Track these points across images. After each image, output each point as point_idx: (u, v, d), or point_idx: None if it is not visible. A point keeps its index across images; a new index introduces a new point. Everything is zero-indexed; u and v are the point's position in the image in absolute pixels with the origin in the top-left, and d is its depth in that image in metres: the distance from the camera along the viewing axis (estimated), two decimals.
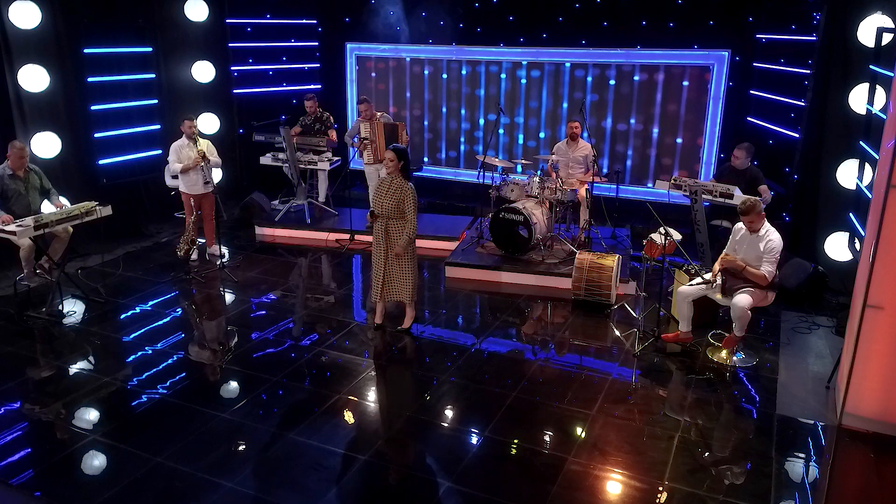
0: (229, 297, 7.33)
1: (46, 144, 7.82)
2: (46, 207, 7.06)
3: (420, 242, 8.62)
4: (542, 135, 10.26)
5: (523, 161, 8.76)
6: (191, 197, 7.90)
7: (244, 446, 4.69)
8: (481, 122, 10.62)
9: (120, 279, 7.62)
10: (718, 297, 5.77)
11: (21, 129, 7.64)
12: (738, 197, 6.75)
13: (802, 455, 4.72)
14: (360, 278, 8.11)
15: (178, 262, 8.04)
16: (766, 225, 5.59)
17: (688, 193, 6.96)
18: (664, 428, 4.93)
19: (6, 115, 7.55)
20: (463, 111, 10.70)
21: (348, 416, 5.08)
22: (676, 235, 6.23)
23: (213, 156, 7.89)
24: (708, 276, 5.72)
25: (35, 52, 7.60)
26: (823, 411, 5.18)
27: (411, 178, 6.14)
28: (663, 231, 6.18)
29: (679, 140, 9.50)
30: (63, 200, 7.18)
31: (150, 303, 7.08)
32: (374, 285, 6.31)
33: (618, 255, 7.06)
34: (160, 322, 6.69)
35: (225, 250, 8.35)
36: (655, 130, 9.60)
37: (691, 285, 5.87)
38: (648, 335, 6.19)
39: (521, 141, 10.42)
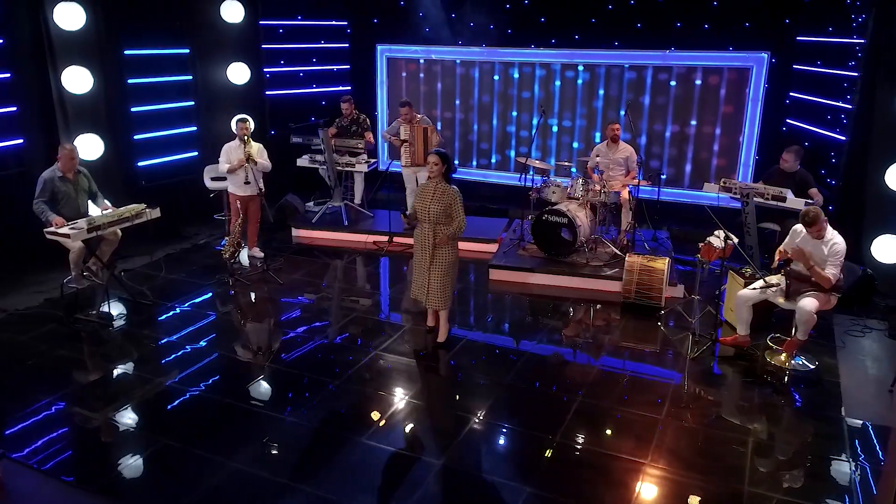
0: (278, 299, 7.30)
1: (89, 146, 7.81)
2: (91, 210, 7.03)
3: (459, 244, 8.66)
4: (575, 137, 10.24)
5: (566, 163, 8.77)
6: (238, 198, 7.89)
7: (317, 451, 4.66)
8: (513, 124, 10.61)
9: (164, 281, 7.59)
10: (780, 300, 5.75)
11: (64, 131, 7.62)
12: (791, 200, 6.75)
13: (877, 459, 4.69)
14: (406, 280, 8.10)
15: (220, 264, 7.99)
16: (830, 229, 5.56)
17: (739, 196, 6.94)
18: (736, 432, 4.90)
19: (50, 116, 7.54)
20: (495, 113, 10.68)
21: (416, 420, 5.06)
22: (733, 238, 6.21)
23: (263, 158, 7.88)
24: (771, 279, 5.70)
25: (78, 53, 7.57)
26: (890, 415, 5.17)
27: (453, 181, 5.96)
28: (721, 234, 6.17)
29: (717, 142, 9.49)
30: (107, 203, 7.13)
31: (199, 305, 7.06)
32: (417, 291, 6.10)
33: (667, 258, 7.04)
34: (212, 324, 6.68)
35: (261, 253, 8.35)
36: (692, 132, 9.59)
37: (753, 289, 5.85)
38: (705, 339, 6.18)
39: (554, 143, 10.41)
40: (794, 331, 5.77)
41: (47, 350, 6.04)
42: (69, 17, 7.36)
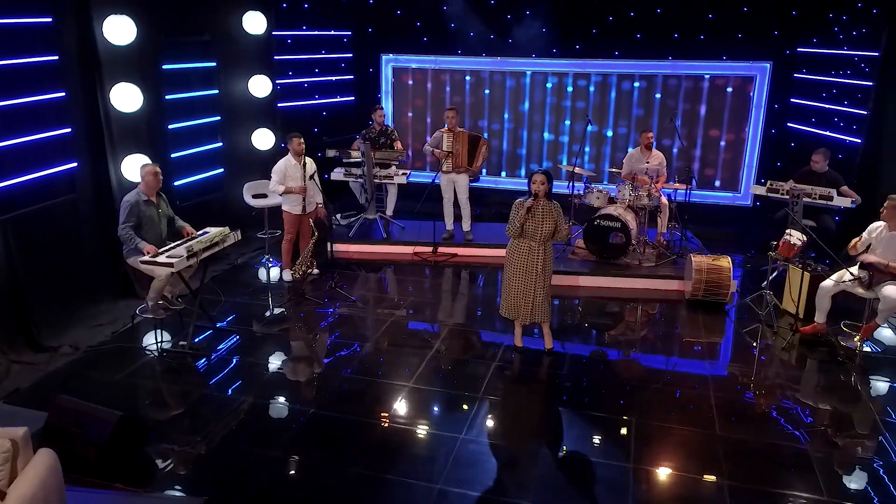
0: (367, 316, 7.19)
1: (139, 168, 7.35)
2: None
3: (482, 251, 8.91)
4: (587, 143, 10.70)
5: (615, 170, 9.20)
6: (294, 218, 7.70)
7: (511, 466, 4.75)
8: (524, 129, 10.93)
9: (230, 305, 7.29)
10: (860, 290, 6.37)
11: (111, 153, 7.16)
12: (837, 199, 7.47)
13: None
14: (473, 291, 8.28)
15: (273, 283, 7.81)
16: None
17: (788, 196, 7.57)
18: (864, 411, 5.46)
19: (97, 138, 7.06)
20: (506, 120, 10.95)
21: (576, 427, 5.24)
22: (800, 237, 6.82)
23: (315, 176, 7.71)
24: (854, 270, 6.32)
25: (123, 69, 7.10)
26: None
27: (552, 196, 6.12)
28: (792, 232, 6.77)
29: (722, 145, 10.23)
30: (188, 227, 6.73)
31: (283, 327, 6.90)
32: (517, 308, 6.14)
33: (728, 257, 7.56)
34: (312, 345, 6.61)
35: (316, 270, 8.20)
36: (700, 136, 10.29)
37: (833, 281, 6.46)
38: (783, 329, 6.75)
39: (565, 150, 10.82)
40: (866, 317, 6.48)
41: (154, 388, 5.73)
42: (119, 31, 6.90)
